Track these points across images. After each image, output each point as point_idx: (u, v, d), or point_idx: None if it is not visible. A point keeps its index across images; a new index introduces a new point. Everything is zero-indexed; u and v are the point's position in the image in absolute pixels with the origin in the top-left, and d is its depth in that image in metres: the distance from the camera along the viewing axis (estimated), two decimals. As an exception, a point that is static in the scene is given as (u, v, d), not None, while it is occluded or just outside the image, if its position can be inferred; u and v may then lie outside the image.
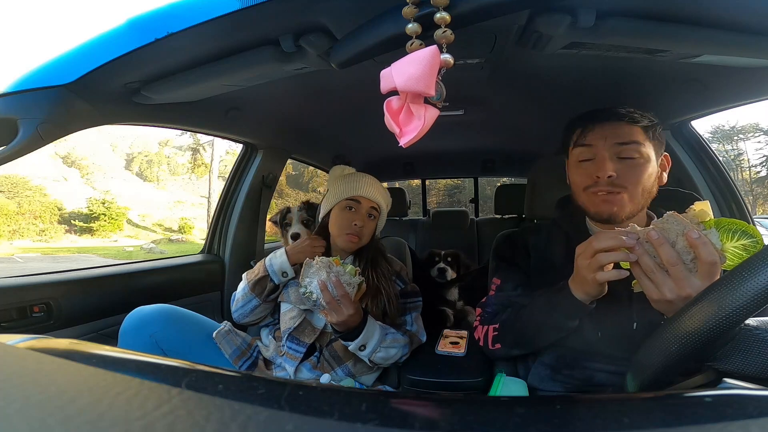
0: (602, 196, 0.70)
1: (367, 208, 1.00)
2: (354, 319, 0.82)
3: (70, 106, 0.71)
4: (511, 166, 2.36)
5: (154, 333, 0.88)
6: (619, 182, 0.68)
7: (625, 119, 0.70)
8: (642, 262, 0.49)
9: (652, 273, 0.49)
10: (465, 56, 0.80)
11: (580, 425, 0.24)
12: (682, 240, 0.47)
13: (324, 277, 0.78)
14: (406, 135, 0.47)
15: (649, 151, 0.69)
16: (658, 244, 0.48)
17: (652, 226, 0.50)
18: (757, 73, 0.80)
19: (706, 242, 0.46)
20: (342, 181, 1.04)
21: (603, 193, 0.70)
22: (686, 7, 0.57)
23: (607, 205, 0.70)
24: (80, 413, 0.21)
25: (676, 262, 0.47)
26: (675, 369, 0.37)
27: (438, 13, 0.45)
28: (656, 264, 0.49)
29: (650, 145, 0.70)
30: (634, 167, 0.69)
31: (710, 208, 0.50)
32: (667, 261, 0.47)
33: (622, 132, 0.70)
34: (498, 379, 0.79)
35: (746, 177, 22.08)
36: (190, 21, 0.58)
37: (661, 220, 0.50)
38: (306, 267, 0.80)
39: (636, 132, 0.69)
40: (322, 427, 0.21)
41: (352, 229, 0.97)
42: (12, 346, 0.33)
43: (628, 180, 0.68)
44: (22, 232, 17.71)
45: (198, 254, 1.52)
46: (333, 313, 0.79)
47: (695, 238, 0.46)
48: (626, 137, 0.69)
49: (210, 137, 8.18)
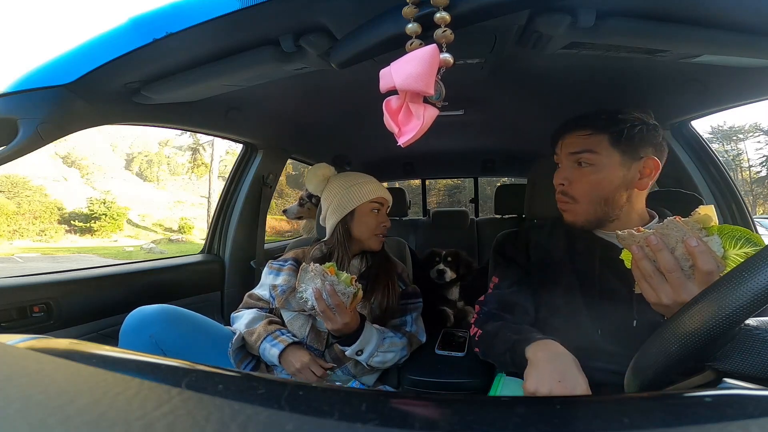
0: (561, 205, 0.75)
1: (386, 208, 1.04)
2: (350, 326, 0.82)
3: (70, 106, 0.71)
4: (511, 166, 2.35)
5: (154, 333, 0.87)
6: (570, 191, 0.72)
7: (586, 128, 0.71)
8: (640, 266, 0.49)
9: (650, 277, 0.49)
10: (465, 56, 0.80)
11: (580, 425, 0.24)
12: (682, 246, 0.47)
13: (319, 285, 0.77)
14: (405, 134, 0.46)
15: (605, 159, 0.69)
16: (657, 250, 0.47)
17: (652, 231, 0.49)
18: (757, 73, 0.80)
19: (704, 251, 0.45)
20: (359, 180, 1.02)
21: (561, 202, 0.75)
22: (686, 7, 0.57)
23: (565, 214, 0.75)
24: (80, 413, 0.21)
25: (673, 269, 0.47)
26: (675, 369, 0.37)
27: (438, 13, 0.45)
28: (654, 269, 0.48)
29: (613, 151, 0.69)
30: (586, 175, 0.70)
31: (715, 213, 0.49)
32: (665, 267, 0.47)
33: (577, 141, 0.71)
34: (498, 379, 0.79)
35: (746, 177, 22.08)
36: (189, 21, 0.58)
37: (662, 225, 0.49)
38: (302, 273, 0.80)
39: (594, 140, 0.70)
40: (322, 427, 0.21)
41: (382, 230, 1.02)
42: (12, 346, 0.33)
43: (576, 189, 0.71)
44: (22, 232, 17.71)
45: (198, 254, 1.52)
46: (327, 321, 0.79)
47: (693, 246, 0.45)
48: (578, 146, 0.71)
49: (210, 137, 8.18)
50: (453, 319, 1.33)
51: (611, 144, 0.69)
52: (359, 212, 1.00)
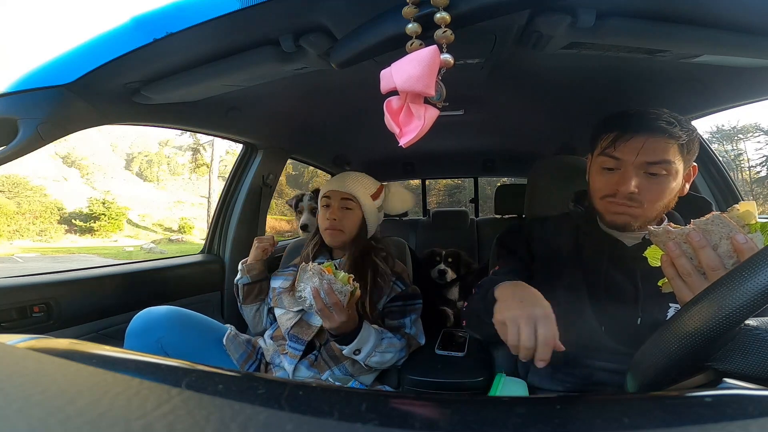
0: (619, 208, 0.69)
1: (338, 200, 1.03)
2: (348, 325, 0.82)
3: (70, 106, 0.71)
4: (511, 166, 2.35)
5: (161, 338, 0.87)
6: (639, 197, 0.66)
7: (663, 134, 0.64)
8: (678, 263, 0.46)
9: (688, 275, 0.45)
10: (465, 56, 0.80)
11: (580, 425, 0.24)
12: (726, 243, 0.44)
13: (317, 284, 0.78)
14: (406, 135, 0.47)
15: (678, 168, 0.66)
16: (699, 247, 0.44)
17: (692, 227, 0.46)
18: (757, 73, 0.80)
19: (753, 248, 0.42)
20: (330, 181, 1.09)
21: (620, 205, 0.68)
22: (686, 7, 0.57)
23: (622, 217, 0.69)
24: (80, 413, 0.21)
25: (717, 267, 0.43)
26: (675, 369, 0.37)
27: (438, 13, 0.45)
28: (694, 267, 0.45)
29: (681, 160, 0.66)
30: (658, 184, 0.66)
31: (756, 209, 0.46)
32: (708, 265, 0.44)
33: (655, 148, 0.65)
34: (498, 379, 0.79)
35: (746, 177, 22.07)
36: (189, 21, 0.58)
37: (704, 221, 0.46)
38: (301, 272, 0.81)
39: (670, 149, 0.65)
40: (322, 427, 0.21)
41: (327, 223, 1.02)
42: (12, 346, 0.33)
43: (648, 197, 0.66)
44: (22, 232, 17.70)
45: (198, 254, 1.52)
46: (326, 319, 0.80)
47: (742, 243, 0.42)
48: (658, 155, 0.65)
49: (210, 137, 8.18)
50: (453, 319, 1.33)
51: (680, 152, 0.66)
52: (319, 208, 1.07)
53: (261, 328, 1.11)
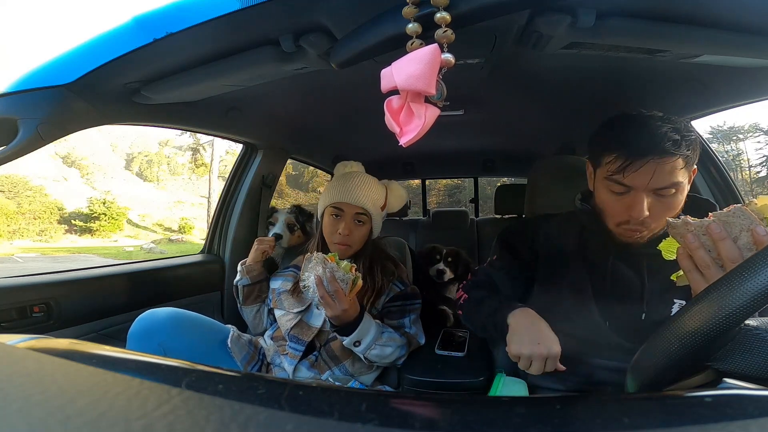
0: (633, 233, 0.67)
1: (351, 215, 0.97)
2: (349, 314, 0.83)
3: (70, 106, 0.71)
4: (511, 166, 2.35)
5: (162, 341, 0.86)
6: (651, 220, 0.65)
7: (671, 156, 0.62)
8: (696, 256, 0.45)
9: (707, 268, 0.45)
10: (465, 56, 0.80)
11: (580, 425, 0.24)
12: (746, 235, 0.44)
13: (320, 272, 0.80)
14: (407, 134, 0.46)
15: (685, 182, 0.65)
16: (719, 239, 0.44)
17: (713, 219, 0.45)
18: (757, 73, 0.80)
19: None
20: (334, 182, 1.03)
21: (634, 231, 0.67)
22: (686, 7, 0.57)
23: (633, 235, 0.68)
24: (80, 413, 0.21)
25: (737, 259, 0.42)
26: (675, 369, 0.37)
27: (438, 13, 0.45)
28: (713, 259, 0.45)
29: (687, 173, 0.65)
30: (668, 204, 0.65)
31: None
32: (728, 257, 0.43)
33: (663, 173, 0.62)
34: (498, 379, 0.80)
35: (746, 177, 22.07)
36: (190, 21, 0.57)
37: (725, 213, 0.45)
38: (306, 261, 0.83)
39: (678, 171, 0.63)
40: (322, 427, 0.21)
41: (338, 238, 0.96)
42: (12, 346, 0.33)
43: (659, 215, 0.65)
44: (22, 232, 17.71)
45: (198, 254, 1.52)
46: (327, 307, 0.81)
47: (762, 234, 0.42)
48: (667, 180, 0.62)
49: (210, 137, 8.18)
50: (453, 318, 1.33)
51: (686, 166, 0.64)
52: (325, 214, 1.01)
53: (261, 328, 1.11)
